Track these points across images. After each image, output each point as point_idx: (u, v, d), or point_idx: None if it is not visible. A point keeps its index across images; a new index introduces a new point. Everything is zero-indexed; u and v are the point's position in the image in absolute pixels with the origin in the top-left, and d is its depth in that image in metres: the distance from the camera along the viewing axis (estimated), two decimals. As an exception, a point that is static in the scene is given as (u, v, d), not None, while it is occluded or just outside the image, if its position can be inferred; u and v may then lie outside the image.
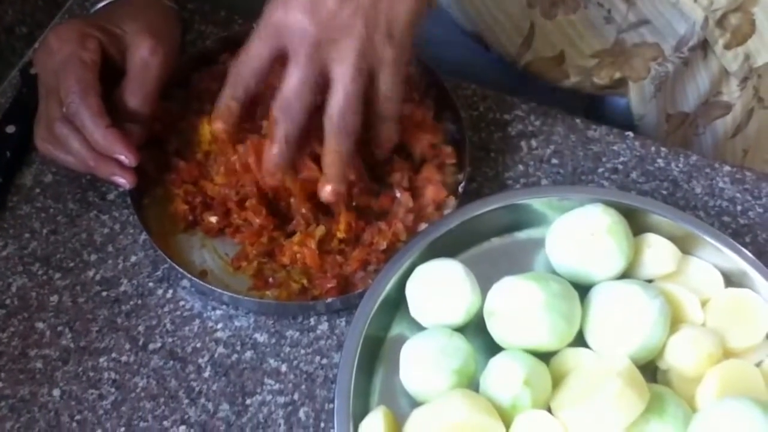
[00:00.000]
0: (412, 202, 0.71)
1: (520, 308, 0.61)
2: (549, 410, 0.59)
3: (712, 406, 0.56)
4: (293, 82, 0.61)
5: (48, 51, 0.69)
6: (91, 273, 0.72)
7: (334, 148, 0.63)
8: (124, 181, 0.68)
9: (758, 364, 0.63)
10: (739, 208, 0.76)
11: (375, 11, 0.60)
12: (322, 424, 0.65)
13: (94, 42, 0.69)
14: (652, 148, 0.79)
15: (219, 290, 0.67)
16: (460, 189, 0.72)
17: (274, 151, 0.64)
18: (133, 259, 0.72)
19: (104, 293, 0.71)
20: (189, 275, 0.67)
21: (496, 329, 0.63)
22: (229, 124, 0.66)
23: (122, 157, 0.67)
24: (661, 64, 0.86)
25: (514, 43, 0.86)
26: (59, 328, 0.69)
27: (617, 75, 0.87)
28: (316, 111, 0.63)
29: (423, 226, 0.71)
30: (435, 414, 0.57)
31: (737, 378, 0.60)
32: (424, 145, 0.73)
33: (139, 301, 0.70)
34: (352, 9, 0.60)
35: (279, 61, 0.62)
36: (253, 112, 0.69)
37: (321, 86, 0.62)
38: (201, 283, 0.67)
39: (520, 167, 0.78)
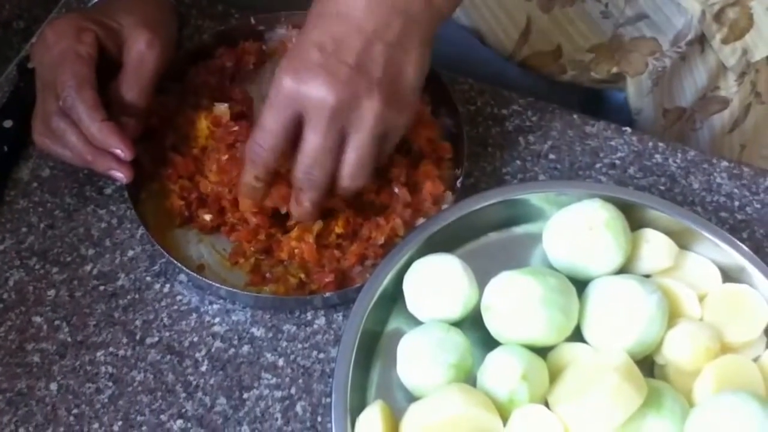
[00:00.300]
0: (410, 197, 0.71)
1: (517, 303, 0.61)
2: (546, 405, 0.59)
3: (710, 400, 0.56)
4: (314, 149, 0.61)
5: (44, 45, 0.69)
6: (88, 267, 0.72)
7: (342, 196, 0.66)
8: (121, 175, 0.68)
9: (755, 359, 0.63)
10: (736, 203, 0.76)
11: (389, 77, 0.60)
12: (319, 419, 0.65)
13: (91, 36, 0.69)
14: (650, 144, 0.79)
15: (216, 285, 0.67)
16: (457, 184, 0.72)
17: (301, 213, 0.66)
18: (131, 253, 0.72)
19: (101, 287, 0.71)
20: (186, 269, 0.67)
21: (493, 324, 0.63)
22: (257, 200, 0.67)
23: (118, 151, 0.67)
24: (659, 59, 0.86)
25: (511, 38, 0.86)
26: (56, 322, 0.69)
27: (614, 69, 0.87)
28: None
29: (421, 220, 0.71)
30: (432, 408, 0.57)
31: (734, 373, 0.60)
32: (422, 140, 0.73)
33: (137, 296, 0.70)
34: (367, 75, 0.59)
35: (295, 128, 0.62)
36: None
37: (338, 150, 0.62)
38: (198, 277, 0.67)
39: (518, 162, 0.78)
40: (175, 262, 0.67)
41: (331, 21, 0.60)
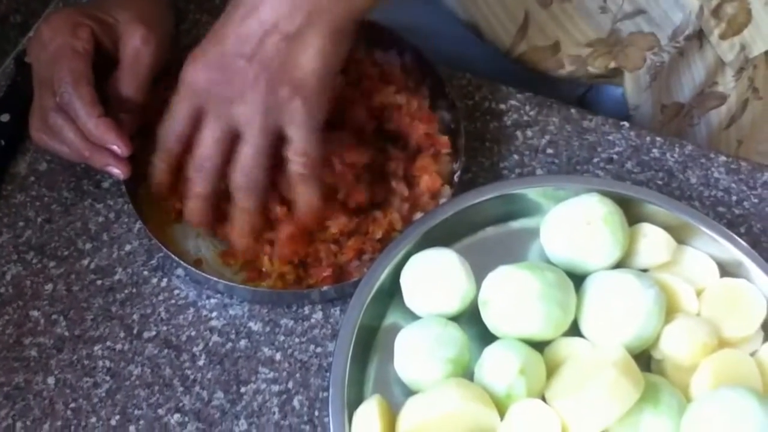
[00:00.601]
0: (408, 192, 0.71)
1: (514, 297, 0.61)
2: (544, 399, 0.59)
3: (707, 395, 0.57)
4: (205, 142, 0.62)
5: (40, 41, 0.69)
6: (85, 261, 0.71)
7: (240, 204, 0.65)
8: (118, 171, 0.68)
9: (753, 354, 0.63)
10: (734, 198, 0.76)
11: (281, 67, 0.60)
12: (317, 413, 0.65)
13: (87, 31, 0.69)
14: (648, 138, 0.79)
15: (214, 279, 0.67)
16: (455, 178, 0.72)
17: (190, 206, 0.66)
18: (128, 247, 0.72)
19: (99, 282, 0.71)
20: (184, 264, 0.67)
21: (490, 318, 0.63)
22: (163, 182, 0.67)
23: (115, 147, 0.67)
24: (657, 54, 0.85)
25: (508, 33, 0.86)
26: (54, 317, 0.69)
27: (612, 64, 0.87)
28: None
29: (418, 215, 0.71)
30: (429, 403, 0.57)
31: (732, 368, 0.61)
32: (420, 134, 0.73)
33: (134, 290, 0.70)
34: (257, 67, 0.59)
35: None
36: None
37: (233, 144, 0.62)
38: (196, 271, 0.67)
39: (515, 157, 0.78)
40: (173, 256, 0.67)
41: (241, 14, 0.60)
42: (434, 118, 0.75)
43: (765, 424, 0.53)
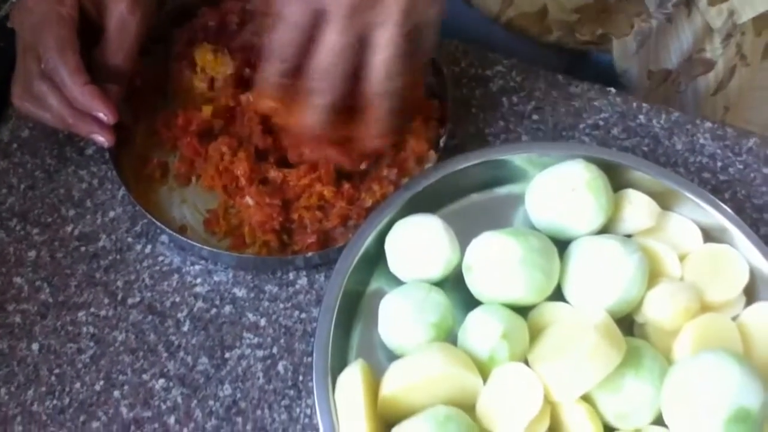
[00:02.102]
0: (393, 156, 0.71)
1: (498, 263, 0.61)
2: (527, 363, 0.60)
3: (688, 359, 0.57)
4: (332, 48, 0.58)
5: (25, 7, 0.68)
6: (69, 228, 0.71)
7: (379, 114, 0.62)
8: (102, 139, 0.67)
9: (735, 318, 0.64)
10: (719, 164, 0.76)
11: None
12: (301, 378, 0.65)
13: None
14: (634, 105, 0.79)
15: (198, 245, 0.67)
16: (441, 143, 0.72)
17: (312, 119, 0.62)
18: (112, 214, 0.72)
19: (83, 248, 0.70)
20: (168, 231, 0.67)
21: (474, 283, 0.63)
22: (275, 97, 0.64)
23: (101, 115, 0.66)
24: (645, 21, 0.85)
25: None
26: (37, 283, 0.69)
27: (600, 31, 0.86)
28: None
29: (405, 181, 0.70)
30: (412, 367, 0.57)
31: (714, 332, 0.61)
32: (408, 98, 0.73)
33: (118, 256, 0.70)
34: None
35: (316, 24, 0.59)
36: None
37: (359, 51, 0.59)
38: (180, 238, 0.67)
39: (501, 123, 0.78)
40: (157, 222, 0.67)
41: None
42: (421, 83, 0.75)
43: (745, 387, 0.53)
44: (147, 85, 0.74)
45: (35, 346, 0.66)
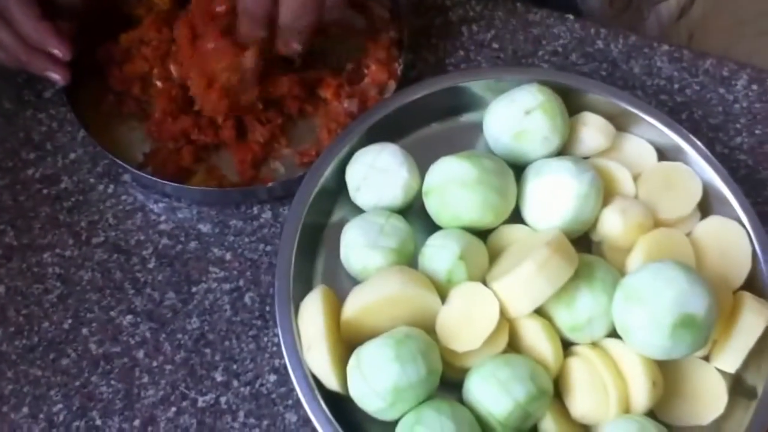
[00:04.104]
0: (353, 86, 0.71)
1: (453, 185, 0.62)
2: (485, 284, 0.61)
3: (637, 269, 0.58)
4: None
5: None
6: (30, 171, 0.71)
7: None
8: (58, 77, 0.67)
9: (689, 235, 0.65)
10: (676, 86, 0.77)
11: None
12: (267, 308, 0.66)
13: None
14: (592, 30, 0.79)
15: (161, 182, 0.67)
16: (398, 72, 0.72)
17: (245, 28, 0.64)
18: (73, 156, 0.72)
19: (45, 191, 0.71)
20: (130, 167, 0.67)
21: (432, 208, 0.64)
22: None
23: (56, 51, 0.65)
24: (604, -55, 0.85)
25: None
26: (1, 227, 0.69)
27: None
28: None
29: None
30: (372, 289, 0.59)
31: (666, 245, 0.62)
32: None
33: (81, 197, 0.70)
34: None
35: None
36: None
37: None
38: (143, 175, 0.67)
39: (461, 52, 0.78)
40: (118, 161, 0.67)
41: None
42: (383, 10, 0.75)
43: (690, 293, 0.55)
44: (99, 20, 0.73)
45: (1, 288, 0.67)
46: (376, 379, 0.55)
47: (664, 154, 0.69)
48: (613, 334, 0.59)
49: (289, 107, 0.71)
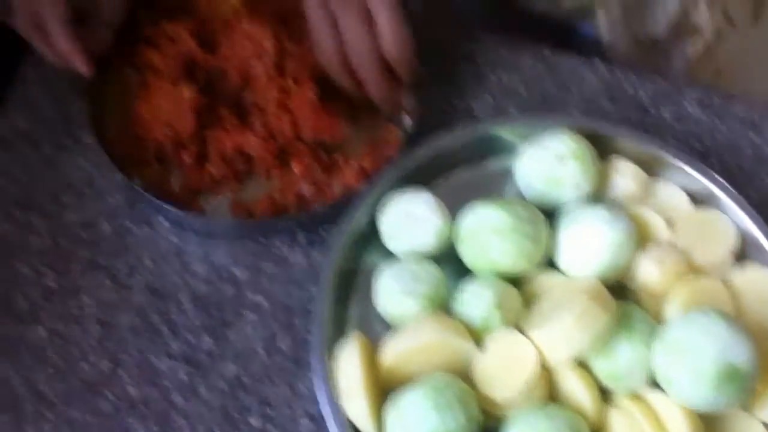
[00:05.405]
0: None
1: (487, 232, 0.63)
2: (521, 331, 0.61)
3: (677, 319, 0.58)
4: (350, 29, 0.65)
5: None
6: (70, 215, 0.73)
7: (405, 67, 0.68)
8: (83, 69, 0.70)
9: (724, 282, 0.65)
10: (706, 131, 0.77)
11: None
12: (301, 353, 0.67)
13: None
14: (620, 75, 0.80)
15: (192, 214, 0.69)
16: (407, 127, 0.74)
17: (376, 92, 0.69)
18: (111, 200, 0.73)
19: (84, 234, 0.72)
20: (165, 204, 0.68)
21: (465, 255, 0.65)
22: (350, 82, 0.70)
23: (77, 66, 0.69)
24: (629, -14, 0.86)
25: None
26: (41, 270, 0.70)
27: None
28: None
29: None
30: (408, 336, 0.59)
31: (703, 293, 0.62)
32: None
33: (119, 241, 0.72)
34: None
35: None
36: None
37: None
38: (176, 211, 0.68)
39: (489, 98, 0.79)
40: (154, 199, 0.68)
41: None
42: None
43: (733, 344, 0.55)
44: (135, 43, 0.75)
45: (42, 331, 0.68)
46: (415, 428, 0.55)
47: (696, 199, 0.69)
48: (653, 382, 0.59)
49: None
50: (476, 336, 0.61)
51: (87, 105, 0.72)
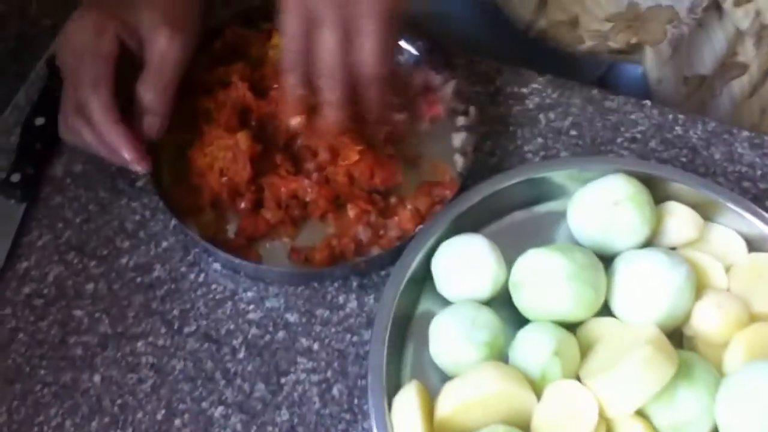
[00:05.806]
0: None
1: (545, 279, 0.62)
2: (579, 380, 0.61)
3: (741, 369, 0.57)
4: (330, 46, 0.62)
5: (67, 43, 0.70)
6: (124, 260, 0.73)
7: (375, 94, 0.65)
8: (139, 168, 0.69)
9: (784, 328, 0.64)
10: (758, 172, 0.76)
11: None
12: (356, 401, 0.67)
13: (110, 32, 0.69)
14: (670, 116, 0.80)
15: (246, 261, 0.69)
16: (461, 170, 0.74)
17: (331, 117, 0.66)
18: (165, 244, 0.74)
19: (138, 279, 0.72)
20: (221, 251, 0.69)
21: (522, 301, 0.64)
22: (299, 102, 0.68)
23: (125, 155, 0.68)
24: (677, 27, 0.86)
25: (527, 8, 0.86)
26: (96, 315, 0.71)
27: (633, 39, 0.87)
28: None
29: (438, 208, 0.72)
30: (467, 386, 0.59)
31: (764, 341, 0.61)
32: None
33: (173, 286, 0.72)
34: None
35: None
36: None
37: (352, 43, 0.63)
38: (232, 258, 0.69)
39: (539, 140, 0.79)
40: (209, 246, 0.69)
41: None
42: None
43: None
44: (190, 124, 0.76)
45: (97, 378, 0.68)
46: (477, 482, 0.55)
47: (751, 243, 0.68)
48: (714, 432, 0.58)
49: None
50: (534, 384, 0.60)
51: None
